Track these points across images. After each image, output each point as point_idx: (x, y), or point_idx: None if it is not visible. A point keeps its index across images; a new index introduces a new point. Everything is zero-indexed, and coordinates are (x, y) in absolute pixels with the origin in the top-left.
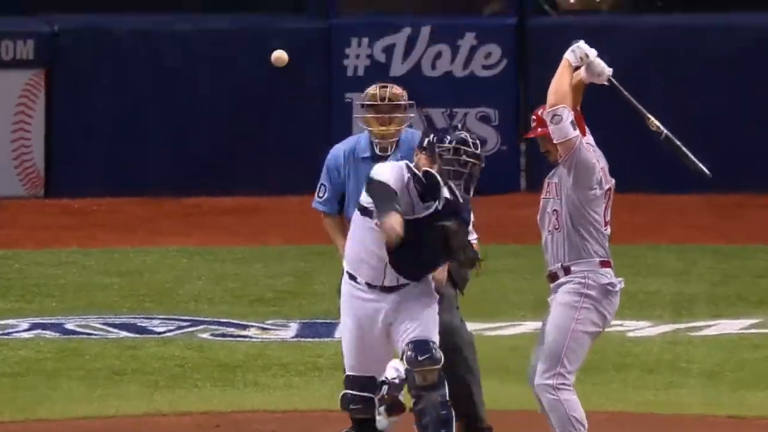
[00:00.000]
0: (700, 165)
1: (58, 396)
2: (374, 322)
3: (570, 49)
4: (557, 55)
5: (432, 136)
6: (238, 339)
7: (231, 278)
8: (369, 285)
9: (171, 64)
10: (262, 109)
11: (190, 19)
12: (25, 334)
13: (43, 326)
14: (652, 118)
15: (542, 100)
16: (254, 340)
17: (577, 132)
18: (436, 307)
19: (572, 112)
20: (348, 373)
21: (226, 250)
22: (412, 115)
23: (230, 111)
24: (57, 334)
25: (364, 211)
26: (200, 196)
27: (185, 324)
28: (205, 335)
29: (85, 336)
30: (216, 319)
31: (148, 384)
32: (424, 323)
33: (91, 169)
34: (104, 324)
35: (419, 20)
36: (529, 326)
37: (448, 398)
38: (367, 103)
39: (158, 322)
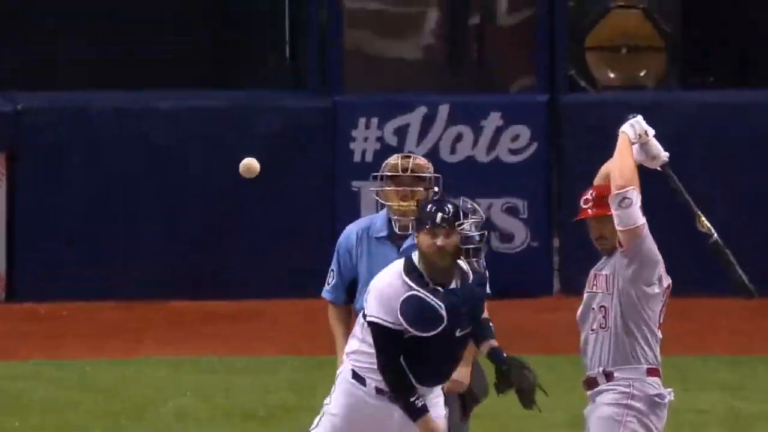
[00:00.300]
0: (747, 282)
1: None
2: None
3: (629, 123)
4: (595, 138)
5: (432, 208)
6: None
7: (220, 393)
8: (378, 390)
9: (162, 141)
10: (258, 202)
11: (179, 96)
12: None
13: None
14: (703, 218)
15: (579, 189)
16: None
17: (644, 219)
18: (445, 422)
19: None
20: None
21: (214, 360)
22: (437, 189)
23: (223, 203)
24: None
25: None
26: (185, 299)
27: None
28: None
29: None
30: None
31: None
32: None
33: (59, 268)
34: None
35: (436, 98)
36: None
37: None
38: (387, 174)
39: None
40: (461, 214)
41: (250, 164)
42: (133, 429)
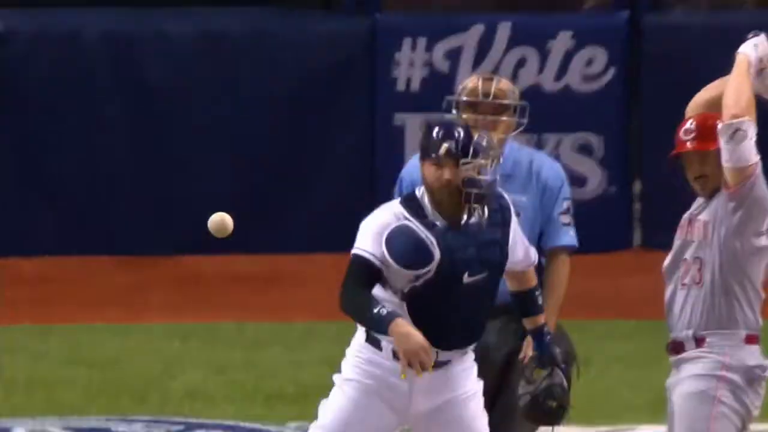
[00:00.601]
0: None
1: None
2: (388, 407)
3: (751, 42)
4: (683, 64)
5: (439, 133)
6: None
7: (239, 367)
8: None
9: (160, 75)
10: (284, 141)
11: (184, 16)
12: None
13: None
14: None
15: (666, 123)
16: None
17: (758, 158)
18: (481, 401)
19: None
20: None
21: (233, 328)
22: (524, 120)
23: (243, 141)
24: None
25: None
26: (199, 255)
27: (177, 428)
28: None
29: None
30: (219, 422)
31: None
32: None
33: (48, 219)
34: (66, 429)
35: (495, 16)
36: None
37: None
38: (464, 99)
39: (141, 425)
40: (472, 150)
41: (220, 221)
42: (136, 409)
